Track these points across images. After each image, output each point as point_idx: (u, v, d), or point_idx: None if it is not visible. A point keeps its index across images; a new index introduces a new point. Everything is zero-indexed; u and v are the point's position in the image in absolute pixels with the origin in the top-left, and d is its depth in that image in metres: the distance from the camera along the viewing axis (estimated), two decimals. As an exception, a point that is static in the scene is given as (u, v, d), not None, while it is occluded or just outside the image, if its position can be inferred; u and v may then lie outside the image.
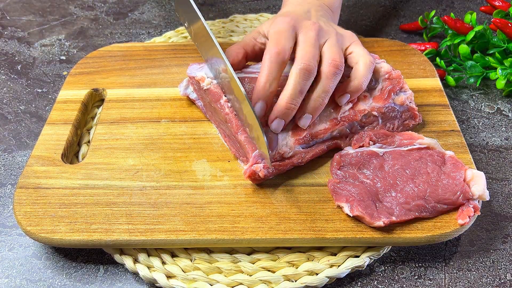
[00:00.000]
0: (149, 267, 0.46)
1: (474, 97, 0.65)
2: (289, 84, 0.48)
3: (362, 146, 0.50)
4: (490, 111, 0.63)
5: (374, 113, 0.52)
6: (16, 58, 0.74)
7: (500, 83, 0.63)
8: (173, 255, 0.47)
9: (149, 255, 0.46)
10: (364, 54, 0.51)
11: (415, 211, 0.45)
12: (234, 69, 0.54)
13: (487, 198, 0.46)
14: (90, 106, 0.61)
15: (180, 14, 0.59)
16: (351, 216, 0.45)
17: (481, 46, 0.69)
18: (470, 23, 0.69)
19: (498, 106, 0.64)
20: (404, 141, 0.50)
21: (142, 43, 0.70)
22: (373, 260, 0.46)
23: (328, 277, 0.45)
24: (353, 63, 0.51)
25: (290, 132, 0.50)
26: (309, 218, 0.46)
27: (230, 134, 0.51)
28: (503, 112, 0.63)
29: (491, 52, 0.67)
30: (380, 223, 0.44)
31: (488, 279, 0.46)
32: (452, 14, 0.72)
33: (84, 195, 0.48)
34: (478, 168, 0.54)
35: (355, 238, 0.44)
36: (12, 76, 0.71)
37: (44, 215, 0.46)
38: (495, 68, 0.64)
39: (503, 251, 0.48)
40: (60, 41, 0.78)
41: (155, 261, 0.46)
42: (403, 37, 0.77)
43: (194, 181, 0.50)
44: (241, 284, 0.45)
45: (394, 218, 0.44)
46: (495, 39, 0.67)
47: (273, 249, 0.47)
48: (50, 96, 0.67)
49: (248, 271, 0.45)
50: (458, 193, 0.45)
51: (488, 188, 0.50)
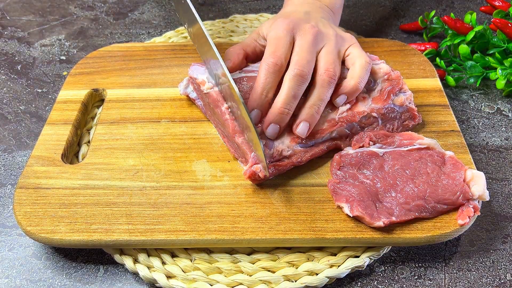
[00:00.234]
0: (149, 267, 0.46)
1: (474, 97, 0.65)
2: (283, 89, 0.48)
3: (362, 146, 0.50)
4: (490, 111, 0.63)
5: (374, 114, 0.52)
6: (16, 58, 0.74)
7: (500, 83, 0.63)
8: (173, 255, 0.47)
9: (149, 255, 0.46)
10: (361, 55, 0.51)
11: (415, 211, 0.45)
12: (234, 70, 0.54)
13: (487, 198, 0.46)
14: (90, 106, 0.61)
15: (180, 14, 0.59)
16: (351, 216, 0.45)
17: (481, 46, 0.69)
18: (470, 23, 0.69)
19: (498, 106, 0.64)
20: (404, 141, 0.50)
21: (142, 43, 0.70)
22: (373, 260, 0.46)
23: (328, 277, 0.45)
24: (350, 65, 0.52)
25: (286, 132, 0.50)
26: (309, 218, 0.46)
27: (228, 135, 0.51)
28: (503, 112, 0.63)
29: (491, 52, 0.67)
30: (380, 223, 0.44)
31: (488, 279, 0.46)
32: (452, 14, 0.72)
33: (84, 195, 0.48)
34: (478, 168, 0.54)
35: (355, 238, 0.44)
36: (12, 76, 0.71)
37: (44, 215, 0.46)
38: (495, 68, 0.64)
39: (503, 251, 0.48)
40: (60, 41, 0.78)
41: (155, 261, 0.46)
42: (403, 37, 0.77)
43: (194, 181, 0.50)
44: (241, 284, 0.45)
45: (394, 218, 0.44)
46: (495, 39, 0.67)
47: (273, 249, 0.47)
48: (50, 96, 0.67)
49: (248, 271, 0.45)
50: (458, 193, 0.45)
51: (488, 188, 0.50)
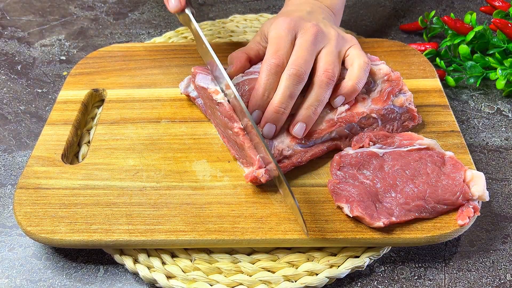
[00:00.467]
0: (149, 268, 0.46)
1: (474, 97, 0.65)
2: (279, 88, 0.48)
3: (362, 146, 0.50)
4: (490, 111, 0.63)
5: (373, 115, 0.52)
6: (16, 58, 0.74)
7: (500, 83, 0.63)
8: (173, 256, 0.47)
9: (149, 256, 0.46)
10: (359, 55, 0.51)
11: (415, 211, 0.45)
12: (236, 74, 0.53)
13: (487, 198, 0.46)
14: (90, 107, 0.61)
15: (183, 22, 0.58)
16: (351, 216, 0.45)
17: (481, 46, 0.69)
18: (470, 23, 0.69)
19: (498, 106, 0.64)
20: (404, 141, 0.50)
21: (142, 43, 0.71)
22: (373, 260, 0.46)
23: (328, 277, 0.45)
24: (348, 65, 0.51)
25: (285, 132, 0.50)
26: (309, 218, 0.46)
27: (229, 136, 0.51)
28: (503, 112, 0.63)
29: (491, 52, 0.67)
30: (380, 223, 0.44)
31: (488, 280, 0.46)
32: (452, 14, 0.72)
33: (84, 196, 0.48)
34: (478, 169, 0.54)
35: (355, 238, 0.44)
36: (12, 76, 0.71)
37: (44, 215, 0.46)
38: (495, 68, 0.64)
39: (503, 252, 0.48)
40: (60, 41, 0.78)
41: (155, 262, 0.46)
42: (403, 37, 0.77)
43: (194, 181, 0.50)
44: (241, 284, 0.45)
45: (394, 219, 0.44)
46: (495, 39, 0.67)
47: (273, 250, 0.47)
48: (50, 96, 0.67)
49: (248, 271, 0.45)
50: (457, 194, 0.45)
51: (488, 189, 0.50)
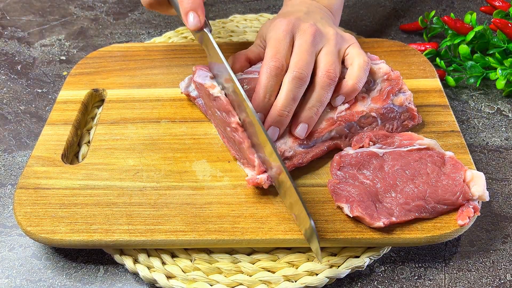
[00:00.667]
0: (149, 268, 0.46)
1: (474, 97, 0.65)
2: (282, 92, 0.48)
3: (362, 146, 0.50)
4: (490, 111, 0.63)
5: (373, 114, 0.52)
6: (16, 58, 0.74)
7: (500, 83, 0.63)
8: (173, 256, 0.47)
9: (149, 256, 0.46)
10: (359, 54, 0.51)
11: (415, 211, 0.45)
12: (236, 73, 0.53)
13: (487, 198, 0.46)
14: (90, 107, 0.61)
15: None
16: (351, 216, 0.45)
17: (481, 46, 0.69)
18: (470, 23, 0.69)
19: (498, 106, 0.64)
20: (404, 141, 0.50)
21: (142, 43, 0.71)
22: (373, 260, 0.46)
23: (328, 277, 0.45)
24: (348, 64, 0.51)
25: (287, 133, 0.50)
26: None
27: (228, 136, 0.51)
28: (503, 112, 0.63)
29: (491, 52, 0.67)
30: (380, 223, 0.44)
31: (488, 280, 0.46)
32: (452, 14, 0.72)
33: (84, 196, 0.48)
34: (478, 169, 0.54)
35: (355, 238, 0.44)
36: (12, 76, 0.71)
37: (44, 215, 0.46)
38: (495, 68, 0.64)
39: (503, 252, 0.48)
40: (60, 41, 0.78)
41: (155, 262, 0.46)
42: (403, 37, 0.77)
43: (194, 181, 0.50)
44: (241, 284, 0.45)
45: (394, 219, 0.44)
46: (495, 39, 0.67)
47: (273, 250, 0.47)
48: (50, 96, 0.67)
49: (248, 271, 0.45)
50: (457, 194, 0.45)
51: (488, 189, 0.50)
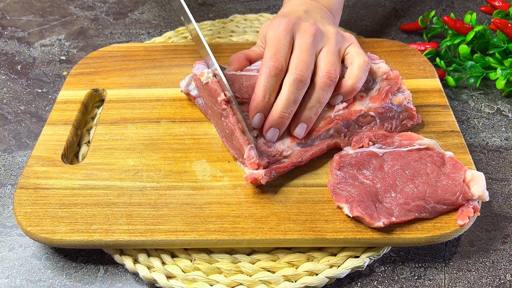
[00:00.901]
0: (149, 268, 0.46)
1: (474, 97, 0.65)
2: (283, 93, 0.48)
3: (362, 146, 0.50)
4: (490, 111, 0.63)
5: (371, 113, 0.52)
6: (16, 58, 0.74)
7: (500, 83, 0.63)
8: (173, 256, 0.47)
9: (149, 256, 0.46)
10: (359, 54, 0.51)
11: (414, 211, 0.45)
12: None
13: (487, 198, 0.46)
14: (90, 107, 0.61)
15: (178, 12, 0.58)
16: (351, 216, 0.45)
17: (481, 46, 0.69)
18: (470, 23, 0.69)
19: (498, 106, 0.64)
20: (404, 141, 0.50)
21: (142, 43, 0.71)
22: (373, 260, 0.46)
23: (328, 277, 0.45)
24: (348, 64, 0.52)
25: (286, 133, 0.50)
26: (309, 218, 0.46)
27: (227, 135, 0.51)
28: (503, 112, 0.63)
29: (491, 52, 0.67)
30: (379, 223, 0.44)
31: (488, 280, 0.46)
32: (452, 14, 0.72)
33: (84, 196, 0.48)
34: (478, 169, 0.54)
35: (355, 238, 0.44)
36: (12, 76, 0.71)
37: (44, 215, 0.46)
38: (495, 68, 0.64)
39: (503, 252, 0.48)
40: (60, 41, 0.78)
41: (155, 262, 0.46)
42: (403, 37, 0.77)
43: (194, 181, 0.50)
44: (241, 284, 0.45)
45: (394, 219, 0.44)
46: (495, 39, 0.67)
47: (273, 250, 0.47)
48: (50, 96, 0.67)
49: (248, 271, 0.45)
50: (457, 194, 0.45)
51: (488, 189, 0.50)
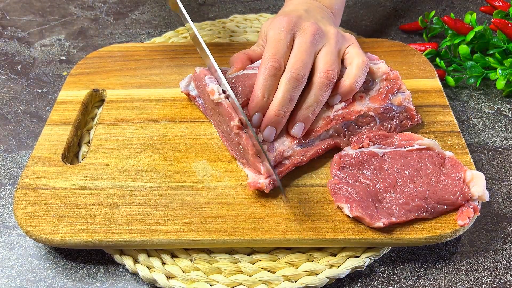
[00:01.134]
0: (149, 268, 0.46)
1: (474, 97, 0.65)
2: (279, 92, 0.48)
3: (362, 146, 0.50)
4: (490, 111, 0.63)
5: (371, 113, 0.52)
6: (16, 58, 0.74)
7: (500, 84, 0.63)
8: (173, 256, 0.47)
9: (149, 256, 0.46)
10: (358, 54, 0.51)
11: (414, 211, 0.45)
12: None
13: (487, 198, 0.46)
14: (90, 107, 0.61)
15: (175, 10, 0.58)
16: (351, 216, 0.45)
17: (481, 46, 0.69)
18: (470, 23, 0.69)
19: (498, 106, 0.64)
20: (404, 141, 0.50)
21: (142, 43, 0.71)
22: (373, 260, 0.46)
23: (328, 277, 0.45)
24: (347, 64, 0.52)
25: (285, 133, 0.50)
26: (309, 218, 0.46)
27: (228, 136, 0.51)
28: (503, 112, 0.63)
29: (491, 52, 0.67)
30: (379, 223, 0.44)
31: (488, 280, 0.46)
32: (452, 14, 0.72)
33: (84, 196, 0.48)
34: (478, 169, 0.54)
35: (355, 238, 0.44)
36: (12, 76, 0.71)
37: (44, 215, 0.46)
38: (495, 69, 0.64)
39: (503, 252, 0.48)
40: (60, 41, 0.78)
41: (155, 262, 0.46)
42: (403, 37, 0.77)
43: (194, 181, 0.50)
44: (241, 284, 0.45)
45: (393, 219, 0.44)
46: (495, 39, 0.67)
47: (273, 250, 0.47)
48: (50, 96, 0.67)
49: (248, 271, 0.45)
50: (457, 194, 0.45)
51: (488, 189, 0.50)
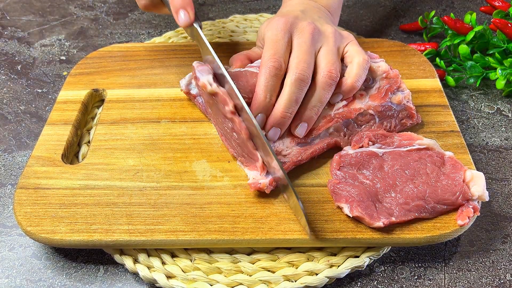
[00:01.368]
0: (149, 267, 0.46)
1: (474, 97, 0.65)
2: (284, 93, 0.48)
3: (362, 146, 0.50)
4: (490, 111, 0.63)
5: (370, 111, 0.52)
6: (16, 58, 0.74)
7: (500, 83, 0.63)
8: (173, 255, 0.47)
9: (149, 255, 0.46)
10: (359, 53, 0.51)
11: (414, 211, 0.45)
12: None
13: (487, 198, 0.46)
14: (90, 107, 0.61)
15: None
16: (351, 216, 0.45)
17: (481, 46, 0.69)
18: (470, 23, 0.69)
19: (498, 106, 0.64)
20: (404, 141, 0.50)
21: (142, 43, 0.71)
22: (372, 260, 0.46)
23: (328, 277, 0.45)
24: (348, 62, 0.52)
25: (286, 132, 0.50)
26: (309, 218, 0.46)
27: (227, 134, 0.51)
28: (503, 112, 0.63)
29: (491, 52, 0.67)
30: (379, 223, 0.44)
31: (488, 279, 0.46)
32: (452, 14, 0.72)
33: (84, 196, 0.48)
34: (477, 169, 0.54)
35: (355, 238, 0.44)
36: (12, 76, 0.71)
37: (44, 215, 0.46)
38: (495, 68, 0.64)
39: (502, 251, 0.48)
40: (60, 41, 0.78)
41: (155, 261, 0.46)
42: (403, 37, 0.77)
43: (194, 181, 0.50)
44: (241, 284, 0.45)
45: (393, 219, 0.44)
46: (495, 39, 0.67)
47: (273, 249, 0.47)
48: (50, 96, 0.67)
49: (248, 271, 0.45)
50: (457, 194, 0.45)
51: (487, 189, 0.50)
